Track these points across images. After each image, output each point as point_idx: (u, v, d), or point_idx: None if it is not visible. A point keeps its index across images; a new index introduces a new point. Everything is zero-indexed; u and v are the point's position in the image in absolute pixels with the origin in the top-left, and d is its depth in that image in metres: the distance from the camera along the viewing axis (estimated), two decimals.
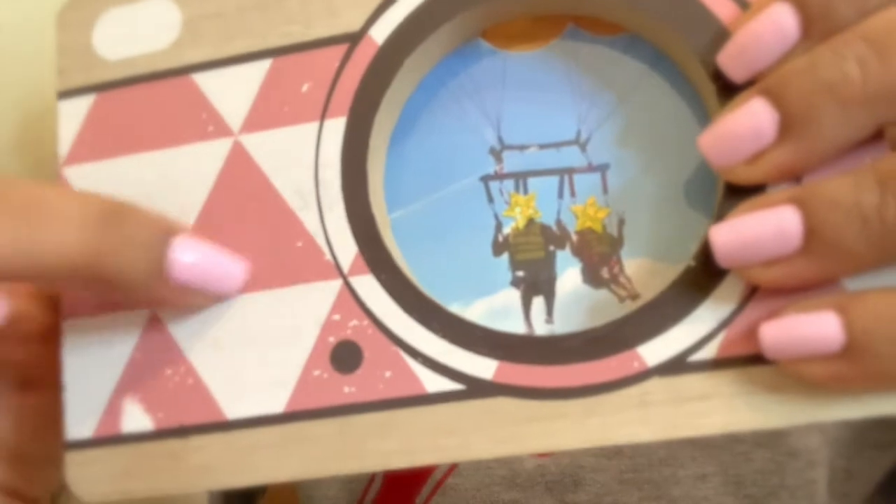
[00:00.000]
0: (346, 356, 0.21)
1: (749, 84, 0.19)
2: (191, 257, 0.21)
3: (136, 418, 0.22)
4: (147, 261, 0.20)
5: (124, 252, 0.20)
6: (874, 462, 0.37)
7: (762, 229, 0.18)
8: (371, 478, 0.38)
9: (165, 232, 0.21)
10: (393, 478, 0.38)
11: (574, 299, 0.22)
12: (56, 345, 0.23)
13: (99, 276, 0.20)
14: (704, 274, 0.19)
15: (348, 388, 0.21)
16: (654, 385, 0.19)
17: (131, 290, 0.20)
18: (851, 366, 0.17)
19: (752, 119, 0.18)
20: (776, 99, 0.18)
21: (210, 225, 0.22)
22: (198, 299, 0.22)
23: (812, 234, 0.17)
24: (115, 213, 0.20)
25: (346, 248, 0.21)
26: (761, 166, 0.19)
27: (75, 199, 0.20)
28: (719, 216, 0.19)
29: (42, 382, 0.24)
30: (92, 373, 0.22)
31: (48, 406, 0.23)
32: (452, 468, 0.37)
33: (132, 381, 0.22)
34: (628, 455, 0.35)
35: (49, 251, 0.19)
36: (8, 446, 0.23)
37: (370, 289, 0.21)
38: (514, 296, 0.22)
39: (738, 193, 0.19)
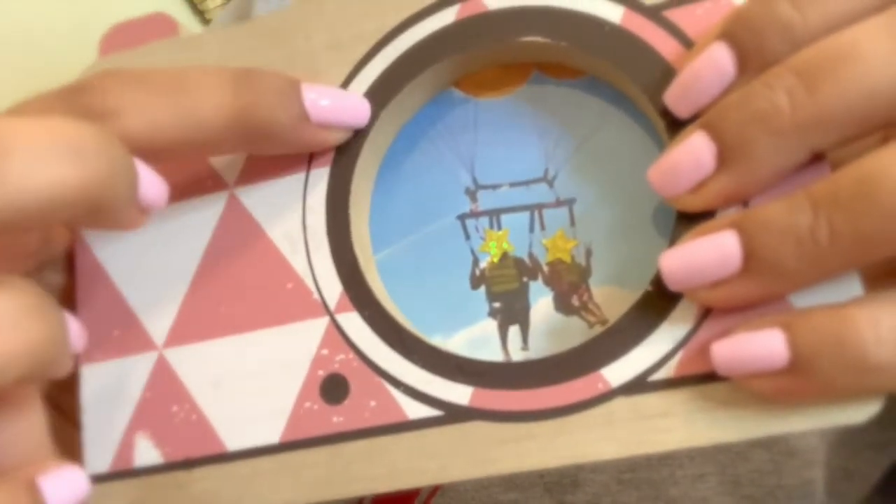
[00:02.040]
0: (334, 388, 0.23)
1: (694, 118, 0.21)
2: (323, 97, 0.23)
3: (146, 453, 0.24)
4: (289, 105, 0.22)
5: (267, 100, 0.22)
6: (872, 462, 0.37)
7: (705, 254, 0.19)
8: None
9: (292, 81, 0.23)
10: None
11: (547, 327, 0.23)
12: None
13: (252, 126, 0.22)
14: (661, 298, 0.21)
15: (337, 418, 0.22)
16: (619, 404, 0.20)
17: (282, 134, 0.23)
18: (797, 380, 0.18)
19: (692, 152, 0.20)
20: (713, 132, 0.19)
21: (210, 269, 0.24)
22: (339, 135, 0.24)
23: (751, 256, 0.19)
24: (246, 73, 0.22)
25: (332, 288, 0.23)
26: (704, 195, 0.20)
27: (208, 69, 0.22)
28: (672, 241, 0.21)
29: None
30: (107, 412, 0.24)
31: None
32: None
33: (143, 419, 0.24)
34: None
35: (205, 115, 0.22)
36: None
37: (355, 325, 0.23)
38: (491, 326, 0.23)
39: (689, 220, 0.21)
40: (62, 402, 0.26)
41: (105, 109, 0.21)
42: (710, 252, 0.19)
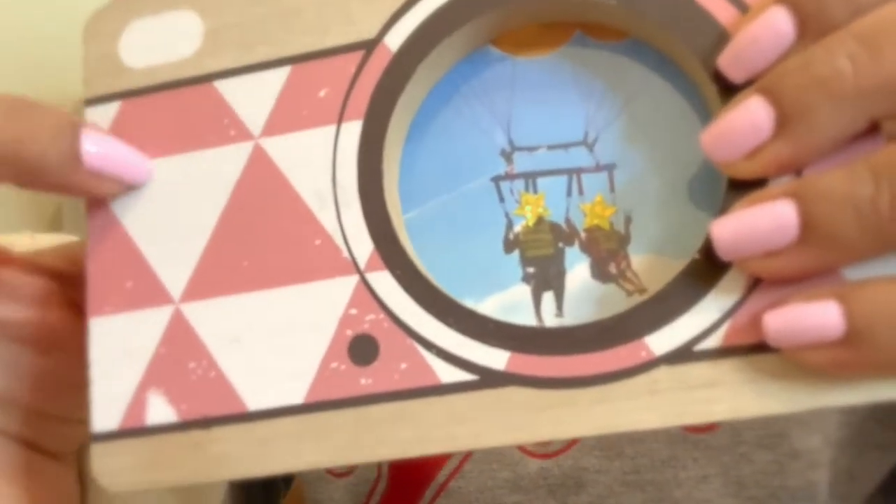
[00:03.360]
0: (363, 349, 0.22)
1: (748, 84, 0.20)
2: (100, 146, 0.23)
3: (160, 410, 0.22)
4: (61, 145, 0.22)
5: (39, 137, 0.22)
6: (877, 463, 0.37)
7: (760, 222, 0.19)
8: (375, 481, 0.39)
9: (73, 123, 0.22)
10: (397, 481, 0.38)
11: (583, 294, 0.22)
12: (75, 313, 0.24)
13: (17, 161, 0.21)
14: (709, 266, 0.20)
15: (365, 380, 0.22)
16: (662, 373, 0.20)
17: (47, 173, 0.22)
18: (852, 353, 0.18)
19: (750, 115, 0.19)
20: (772, 96, 0.19)
21: (232, 224, 0.23)
22: (111, 187, 0.23)
23: (808, 225, 0.18)
24: (24, 104, 0.22)
25: (363, 246, 0.22)
26: (760, 160, 0.19)
27: None
28: (723, 210, 0.20)
29: (62, 346, 0.25)
30: (117, 367, 0.23)
31: (69, 369, 0.24)
32: (456, 471, 0.37)
33: (156, 375, 0.23)
34: (630, 456, 0.36)
35: None
36: (27, 404, 0.25)
37: (386, 284, 0.22)
38: (524, 291, 0.23)
39: (740, 188, 0.20)
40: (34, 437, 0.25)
41: None
42: (766, 220, 0.19)
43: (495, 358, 0.21)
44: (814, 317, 0.18)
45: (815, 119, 0.18)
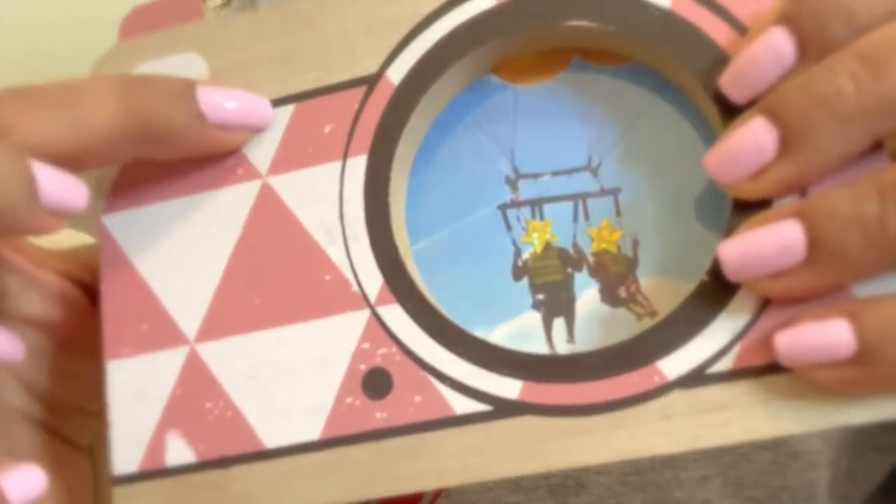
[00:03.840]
0: (376, 383, 0.22)
1: (750, 104, 0.20)
2: (219, 97, 0.23)
3: (179, 451, 0.23)
4: (182, 106, 0.22)
5: (159, 102, 0.22)
6: (876, 464, 0.37)
7: (767, 243, 0.19)
8: None
9: (189, 82, 0.23)
10: None
11: (593, 319, 0.23)
12: (91, 315, 0.25)
13: (146, 128, 0.22)
14: (718, 288, 0.20)
15: (380, 414, 0.22)
16: (676, 398, 0.20)
17: (177, 135, 0.22)
18: (864, 370, 0.18)
19: (753, 136, 0.19)
20: (775, 116, 0.19)
21: (243, 262, 0.23)
22: (240, 136, 0.24)
23: (815, 244, 0.18)
24: (139, 79, 0.23)
25: (373, 279, 0.22)
26: (764, 181, 0.19)
27: (100, 78, 0.22)
28: (728, 232, 0.20)
29: (80, 347, 0.25)
30: (135, 410, 0.23)
31: (86, 368, 0.25)
32: None
33: (174, 416, 0.23)
34: None
35: (96, 122, 0.22)
36: (49, 392, 0.25)
37: (397, 317, 0.22)
38: (535, 318, 0.23)
39: (745, 209, 0.20)
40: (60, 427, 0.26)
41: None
42: (773, 241, 0.19)
43: (508, 387, 0.21)
44: (825, 335, 0.18)
45: (818, 139, 0.19)
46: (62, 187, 0.21)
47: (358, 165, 0.23)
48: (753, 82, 0.20)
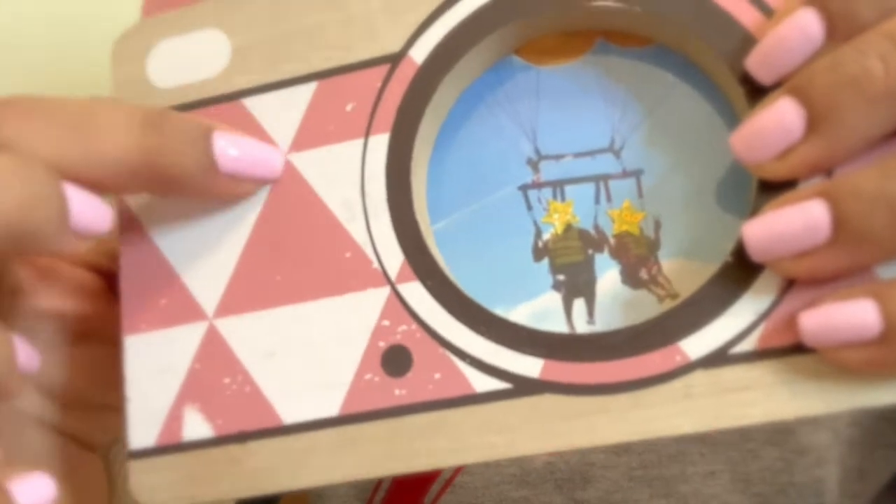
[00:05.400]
0: (396, 360, 0.22)
1: (777, 86, 0.20)
2: (233, 148, 0.23)
3: (196, 426, 0.23)
4: (196, 153, 0.22)
5: (175, 146, 0.22)
6: (887, 461, 0.37)
7: (791, 223, 0.19)
8: None
9: (206, 127, 0.23)
10: (402, 476, 0.38)
11: (614, 300, 0.22)
12: (112, 304, 0.25)
13: (158, 170, 0.22)
14: (742, 269, 0.20)
15: (399, 391, 0.22)
16: (698, 378, 0.20)
17: (186, 182, 0.22)
18: (890, 351, 0.18)
19: (780, 116, 0.19)
20: (802, 96, 0.19)
21: (264, 239, 0.23)
22: (249, 188, 0.24)
23: (840, 224, 0.18)
24: (158, 116, 0.22)
25: (393, 257, 0.22)
26: (790, 161, 0.19)
27: (120, 108, 0.22)
28: (754, 212, 0.20)
29: (99, 336, 0.25)
30: (153, 384, 0.23)
31: (105, 358, 0.25)
32: (462, 466, 0.37)
33: (192, 391, 0.23)
34: (637, 452, 0.36)
35: (110, 154, 0.21)
36: (66, 393, 0.25)
37: (417, 295, 0.22)
38: (555, 299, 0.23)
39: (770, 190, 0.20)
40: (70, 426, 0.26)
41: (2, 140, 0.21)
42: (797, 221, 0.19)
43: (529, 366, 0.21)
44: (850, 316, 0.18)
45: (845, 119, 0.18)
46: (90, 211, 0.21)
47: (380, 144, 0.23)
48: (781, 63, 0.20)
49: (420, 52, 0.23)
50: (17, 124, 0.21)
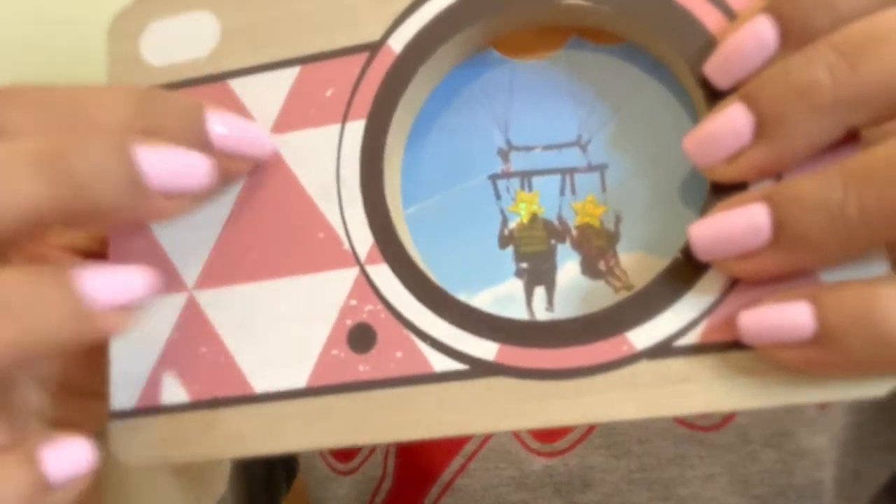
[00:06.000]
0: (361, 338, 0.23)
1: (734, 90, 0.21)
2: (227, 127, 0.23)
3: (173, 391, 0.24)
4: (191, 131, 0.22)
5: (170, 123, 0.21)
6: (883, 463, 0.37)
7: (734, 225, 0.20)
8: (381, 479, 0.39)
9: (198, 105, 0.22)
10: (402, 479, 0.39)
11: (573, 290, 0.23)
12: None
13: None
14: (690, 266, 0.21)
15: (363, 367, 0.23)
16: (642, 367, 0.21)
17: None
18: (822, 352, 0.19)
19: (730, 121, 0.20)
20: (752, 103, 0.20)
21: (243, 216, 0.25)
22: (241, 166, 0.24)
23: (780, 228, 0.19)
24: (152, 93, 0.21)
25: (364, 240, 0.24)
26: (739, 165, 0.20)
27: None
28: (703, 213, 0.21)
29: None
30: (135, 350, 0.25)
31: (93, 346, 0.25)
32: (461, 469, 0.38)
33: (171, 358, 0.24)
34: (637, 455, 0.36)
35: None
36: (56, 380, 0.26)
37: (384, 277, 0.23)
38: (517, 285, 0.24)
39: (721, 192, 0.21)
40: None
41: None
42: (740, 223, 0.20)
43: (485, 349, 0.22)
44: (786, 317, 0.19)
45: (792, 127, 0.19)
46: (169, 170, 0.21)
47: (356, 129, 0.24)
48: (736, 69, 0.21)
49: (398, 42, 0.24)
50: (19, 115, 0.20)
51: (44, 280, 0.19)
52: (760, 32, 0.20)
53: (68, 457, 0.21)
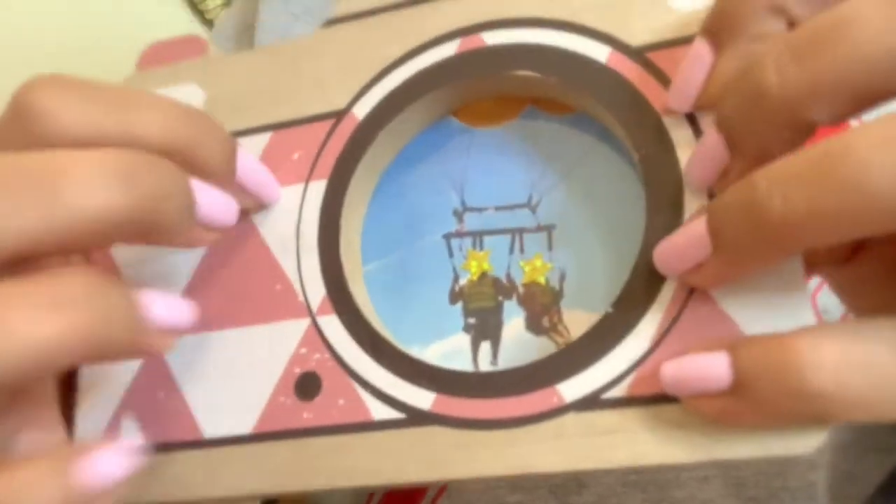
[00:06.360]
0: (307, 385, 0.24)
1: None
2: (248, 164, 0.24)
3: (131, 434, 0.25)
4: (224, 154, 0.23)
5: (209, 142, 0.23)
6: (877, 465, 0.36)
7: (682, 240, 0.20)
8: None
9: (231, 137, 0.24)
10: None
11: (517, 345, 0.24)
12: None
13: (192, 159, 0.22)
14: (620, 320, 0.21)
15: (307, 414, 0.23)
16: (570, 419, 0.21)
17: (212, 178, 0.23)
18: (739, 402, 0.19)
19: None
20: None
21: (210, 268, 0.26)
22: (249, 203, 0.25)
23: (714, 234, 0.19)
24: (194, 112, 0.23)
25: (317, 292, 0.25)
26: (721, 184, 0.21)
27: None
28: (645, 233, 0.21)
29: None
30: (100, 392, 0.26)
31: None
32: None
33: (131, 402, 0.25)
34: None
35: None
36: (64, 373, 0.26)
37: (333, 327, 0.24)
38: (465, 340, 0.24)
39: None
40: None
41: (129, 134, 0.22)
42: (685, 237, 0.20)
43: (422, 398, 0.22)
44: (704, 366, 0.19)
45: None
46: (216, 205, 0.22)
47: (318, 189, 0.26)
48: (686, 91, 0.22)
49: (362, 109, 0.26)
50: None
51: (112, 289, 0.20)
52: (696, 50, 0.21)
53: (103, 465, 0.20)
